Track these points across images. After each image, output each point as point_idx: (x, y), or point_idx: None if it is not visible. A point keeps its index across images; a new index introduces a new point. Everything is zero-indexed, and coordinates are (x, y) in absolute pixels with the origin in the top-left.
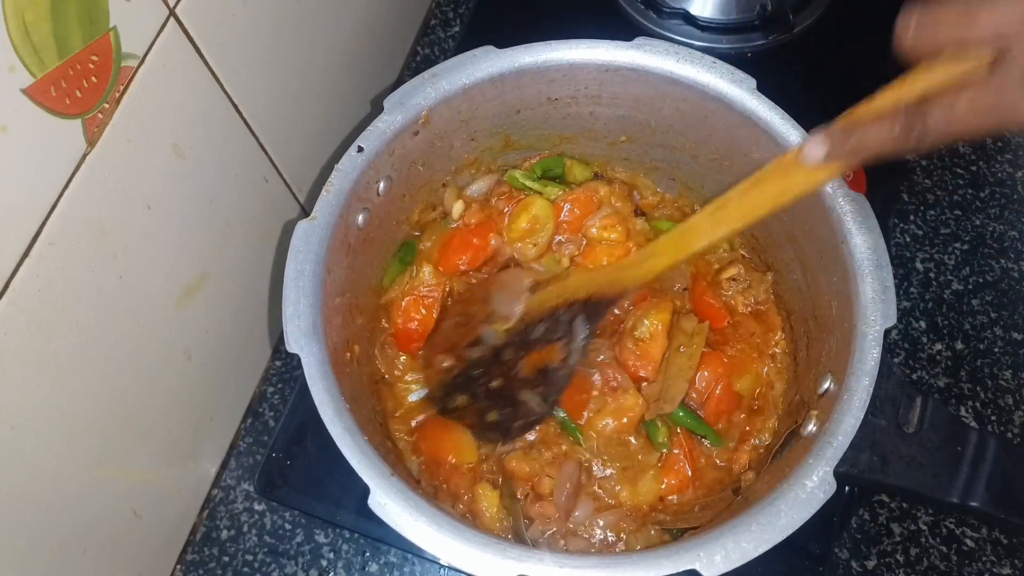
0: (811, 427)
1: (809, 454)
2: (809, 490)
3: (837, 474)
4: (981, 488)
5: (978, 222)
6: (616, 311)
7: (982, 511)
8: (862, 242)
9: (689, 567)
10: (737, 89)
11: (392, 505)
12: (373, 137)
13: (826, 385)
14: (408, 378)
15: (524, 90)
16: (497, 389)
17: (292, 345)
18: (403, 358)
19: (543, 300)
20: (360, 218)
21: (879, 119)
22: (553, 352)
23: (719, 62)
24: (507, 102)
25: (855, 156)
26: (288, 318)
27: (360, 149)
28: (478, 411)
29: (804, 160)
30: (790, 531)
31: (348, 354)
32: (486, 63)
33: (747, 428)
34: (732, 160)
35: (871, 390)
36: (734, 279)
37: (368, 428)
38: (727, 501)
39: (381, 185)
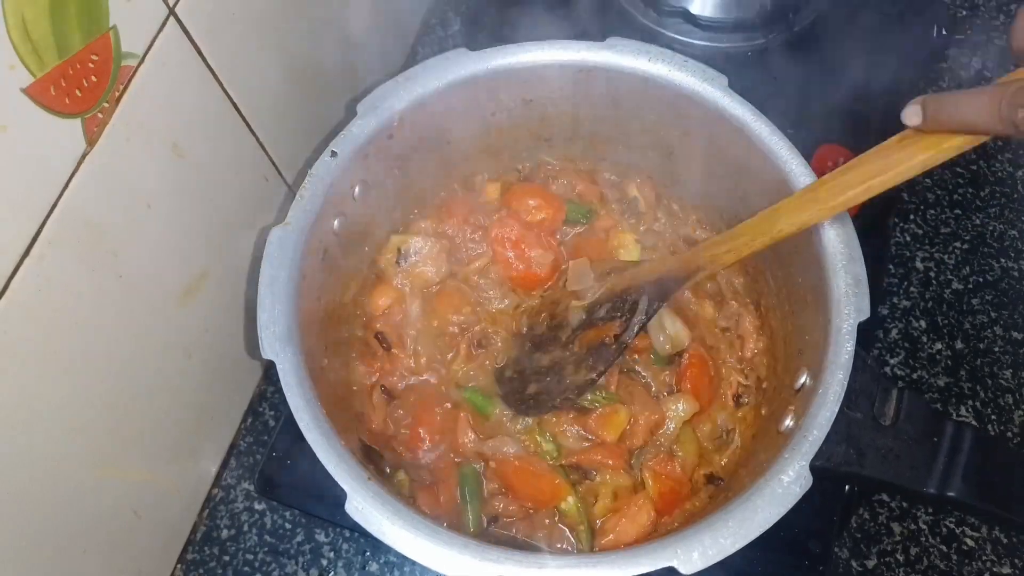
0: (788, 422)
1: (785, 449)
2: (785, 485)
3: (814, 468)
4: (958, 478)
5: (978, 221)
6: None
7: (959, 501)
8: (835, 236)
9: (667, 564)
10: (709, 87)
11: (369, 509)
12: (347, 142)
13: (802, 380)
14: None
15: (498, 92)
16: (547, 366)
17: (267, 351)
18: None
19: (614, 284)
20: (336, 223)
21: (984, 93)
22: (610, 329)
23: (691, 61)
24: (481, 104)
25: (949, 126)
26: (263, 324)
27: (334, 154)
28: (522, 384)
29: (904, 121)
30: (767, 526)
31: (325, 359)
32: (458, 66)
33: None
34: (708, 158)
35: (845, 384)
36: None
37: (346, 433)
38: (708, 492)
39: (357, 190)
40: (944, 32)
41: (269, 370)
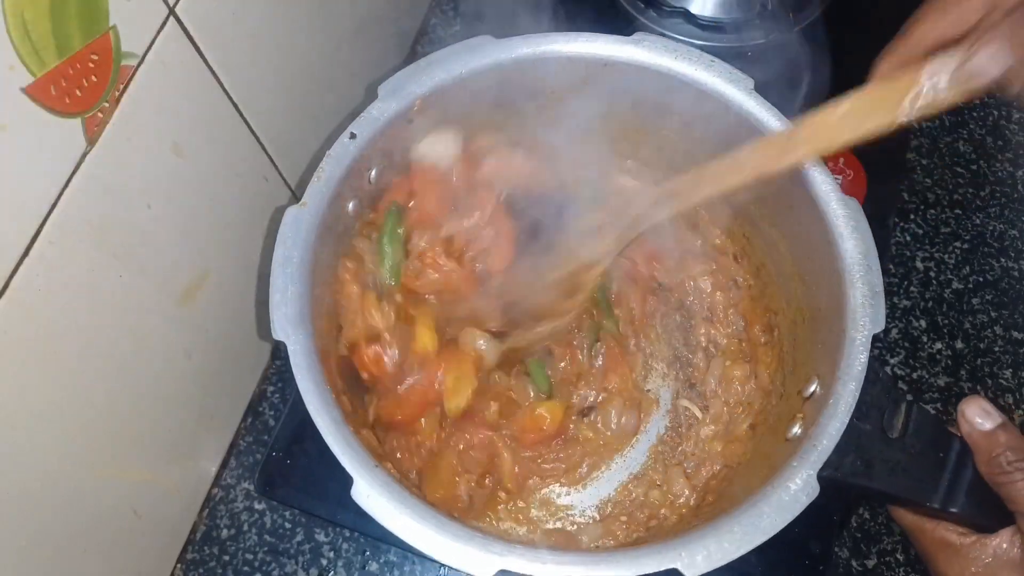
0: (796, 430)
1: (793, 457)
2: (792, 492)
3: (821, 478)
4: (962, 495)
5: (978, 221)
6: None
7: (962, 516)
8: (853, 247)
9: (671, 566)
10: (734, 89)
11: (375, 496)
12: (366, 124)
13: (812, 388)
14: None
15: (520, 82)
16: None
17: (278, 332)
18: None
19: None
20: (351, 206)
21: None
22: None
23: (717, 61)
24: (503, 93)
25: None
26: (274, 305)
27: (352, 136)
28: None
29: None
30: (772, 533)
31: (337, 343)
32: (482, 53)
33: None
34: None
35: (857, 395)
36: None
37: (354, 419)
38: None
39: (373, 173)
40: None
41: (269, 369)
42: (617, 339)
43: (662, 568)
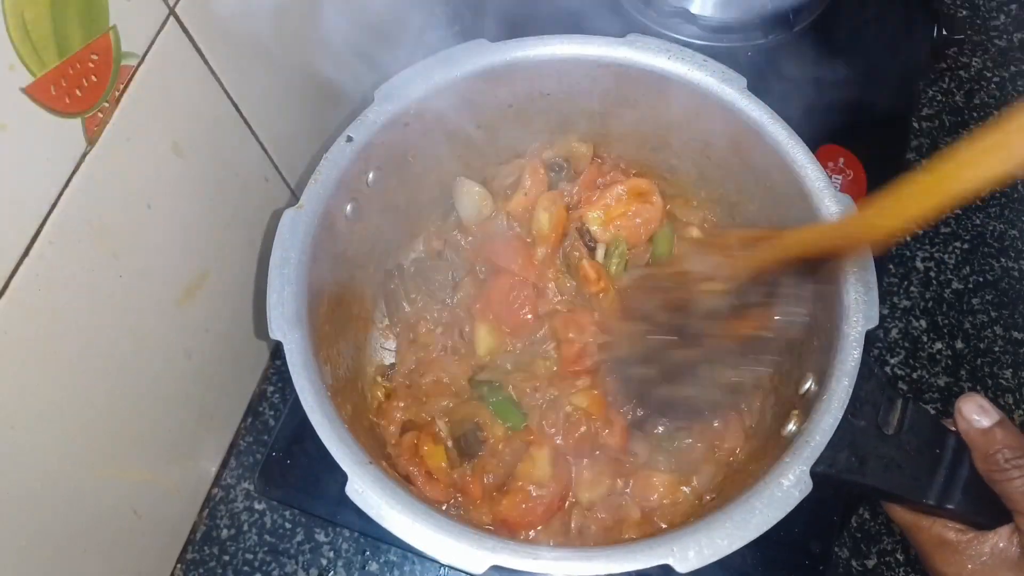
0: (791, 427)
1: (787, 453)
2: (785, 488)
3: (815, 474)
4: (958, 491)
5: (978, 221)
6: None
7: (958, 513)
8: None
9: (662, 562)
10: (728, 88)
11: (369, 493)
12: (363, 127)
13: (807, 385)
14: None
15: (516, 84)
16: (680, 363)
17: (275, 332)
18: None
19: (757, 261)
20: (349, 208)
21: None
22: (754, 318)
23: (710, 60)
24: (498, 96)
25: None
26: (272, 305)
27: (349, 139)
28: (650, 385)
29: None
30: (764, 528)
31: (337, 344)
32: (478, 56)
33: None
34: (724, 159)
35: (851, 391)
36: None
37: (350, 419)
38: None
39: (371, 176)
40: (944, 32)
41: (268, 369)
42: (737, 408)
43: (654, 563)
